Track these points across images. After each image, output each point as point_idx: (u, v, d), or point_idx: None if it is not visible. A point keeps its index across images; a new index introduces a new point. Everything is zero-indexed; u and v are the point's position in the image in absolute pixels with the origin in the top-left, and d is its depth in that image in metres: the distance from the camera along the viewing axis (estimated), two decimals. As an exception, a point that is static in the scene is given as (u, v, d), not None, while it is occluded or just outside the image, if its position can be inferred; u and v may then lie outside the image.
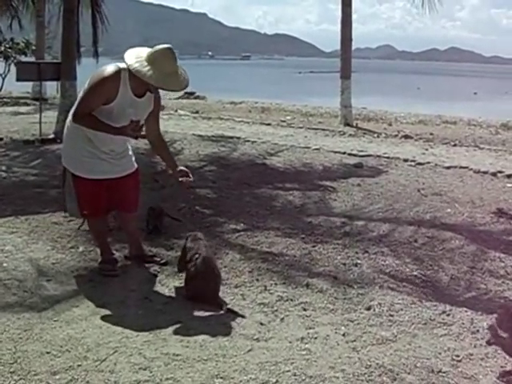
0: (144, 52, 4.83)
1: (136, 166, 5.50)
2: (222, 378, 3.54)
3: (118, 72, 4.80)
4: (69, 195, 5.25)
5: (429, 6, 17.77)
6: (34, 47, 26.16)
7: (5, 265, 5.41)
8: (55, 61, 16.57)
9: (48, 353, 3.84)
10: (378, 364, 3.71)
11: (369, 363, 3.72)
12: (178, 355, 3.81)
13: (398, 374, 3.60)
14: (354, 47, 17.61)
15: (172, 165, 5.37)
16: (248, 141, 12.47)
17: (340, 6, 16.88)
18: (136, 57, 4.77)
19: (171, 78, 4.82)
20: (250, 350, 3.88)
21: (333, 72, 17.00)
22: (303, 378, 3.55)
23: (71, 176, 5.10)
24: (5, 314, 4.41)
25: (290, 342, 4.01)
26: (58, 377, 3.56)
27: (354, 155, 10.98)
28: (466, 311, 4.63)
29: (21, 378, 3.54)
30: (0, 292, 4.85)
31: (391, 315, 4.49)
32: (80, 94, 5.04)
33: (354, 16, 17.28)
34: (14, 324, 4.26)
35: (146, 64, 4.69)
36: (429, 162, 10.46)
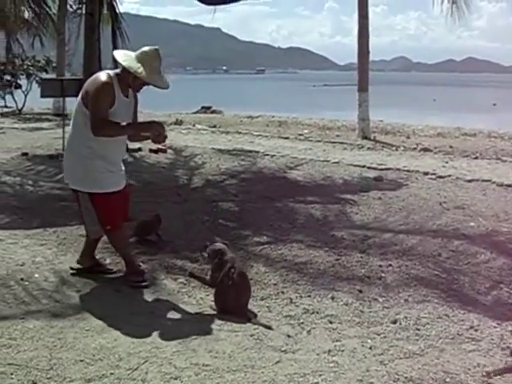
0: (131, 53, 5.20)
1: None
2: (252, 389, 3.60)
3: (110, 77, 5.07)
4: (87, 217, 5.34)
5: (458, 14, 17.08)
6: (54, 64, 26.48)
7: (36, 276, 5.54)
8: (77, 77, 16.75)
9: (82, 361, 3.94)
10: (406, 378, 3.73)
11: (397, 377, 3.75)
12: (207, 365, 3.87)
13: (427, 389, 3.62)
14: (371, 59, 17.53)
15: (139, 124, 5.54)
16: (267, 154, 12.53)
17: (356, 18, 16.80)
18: (125, 56, 5.15)
19: (159, 76, 5.18)
20: (278, 362, 3.94)
21: (347, 85, 16.94)
22: (332, 390, 3.59)
23: (88, 196, 5.17)
24: (39, 323, 4.53)
25: (318, 355, 4.05)
26: (92, 384, 3.64)
27: (374, 168, 10.99)
28: (494, 327, 4.62)
29: (58, 384, 3.62)
30: (33, 302, 4.98)
31: (418, 329, 4.51)
32: (76, 108, 5.19)
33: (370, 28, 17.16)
34: (48, 332, 4.37)
35: (136, 61, 5.04)
36: (450, 175, 10.38)
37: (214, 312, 4.79)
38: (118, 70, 5.21)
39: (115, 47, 19.21)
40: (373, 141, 15.44)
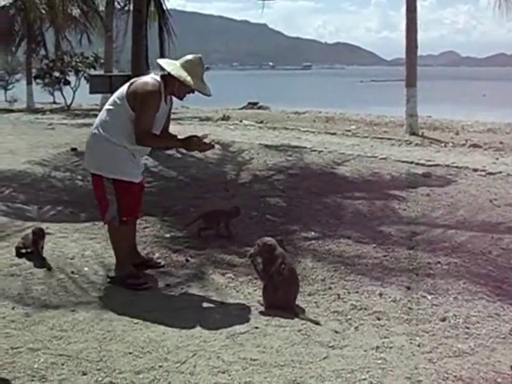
0: (175, 61, 5.26)
1: None
2: (298, 383, 3.61)
3: (159, 84, 5.12)
4: (111, 205, 5.28)
5: (506, 6, 16.55)
6: (102, 61, 26.86)
7: (85, 269, 5.65)
8: (125, 73, 16.96)
9: (131, 353, 4.00)
10: (455, 377, 3.69)
11: (446, 375, 3.71)
12: (255, 360, 3.89)
13: (477, 388, 3.57)
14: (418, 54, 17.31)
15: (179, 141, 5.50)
16: (314, 150, 12.50)
17: (404, 13, 16.66)
18: (171, 64, 5.20)
19: (204, 84, 5.29)
20: (325, 357, 3.94)
21: (394, 80, 16.78)
22: (380, 386, 3.58)
23: (117, 185, 5.16)
24: (88, 315, 4.63)
25: (365, 351, 4.04)
26: (141, 376, 3.70)
27: (422, 165, 10.86)
28: (548, 327, 4.52)
29: (107, 376, 3.70)
30: (82, 294, 5.09)
31: (467, 327, 4.44)
32: (118, 101, 5.18)
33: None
34: (98, 325, 4.46)
35: (183, 70, 5.10)
36: (500, 172, 10.18)
37: (262, 307, 4.79)
38: (159, 75, 5.24)
39: (162, 43, 19.44)
40: (421, 137, 15.30)
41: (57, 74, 28.54)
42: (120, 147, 5.11)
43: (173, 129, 11.56)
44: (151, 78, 5.18)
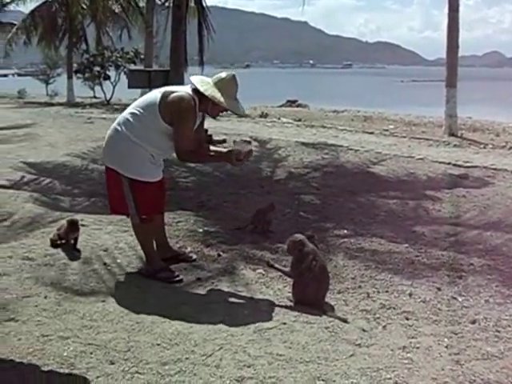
0: (208, 79, 5.24)
1: None
2: (323, 380, 3.61)
3: (194, 100, 5.10)
4: (129, 201, 5.28)
5: None
6: (142, 56, 27.08)
7: (118, 261, 5.73)
8: (164, 68, 17.07)
9: (158, 345, 4.04)
10: (482, 380, 3.65)
11: (473, 378, 3.67)
12: (281, 355, 3.90)
13: (504, 392, 3.54)
14: (458, 55, 17.11)
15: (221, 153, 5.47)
16: (351, 149, 12.49)
17: (446, 12, 16.47)
18: (204, 83, 5.16)
19: (237, 103, 5.29)
20: (351, 355, 3.93)
21: (436, 81, 16.58)
22: (405, 386, 3.56)
23: (133, 184, 5.16)
24: (118, 307, 4.68)
25: (392, 350, 4.02)
26: (167, 367, 3.73)
27: (459, 166, 10.77)
28: None
29: (134, 366, 3.74)
30: (114, 286, 5.16)
31: (498, 331, 4.38)
32: (149, 107, 5.15)
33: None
34: (127, 316, 4.50)
35: (216, 90, 5.10)
36: (540, 175, 9.97)
37: (291, 303, 4.80)
38: (190, 89, 5.19)
39: (201, 39, 19.55)
40: (460, 138, 15.15)
41: (97, 68, 28.84)
42: (140, 147, 5.11)
43: (210, 125, 11.70)
44: (186, 94, 5.12)
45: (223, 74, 5.23)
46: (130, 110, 5.32)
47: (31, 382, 3.58)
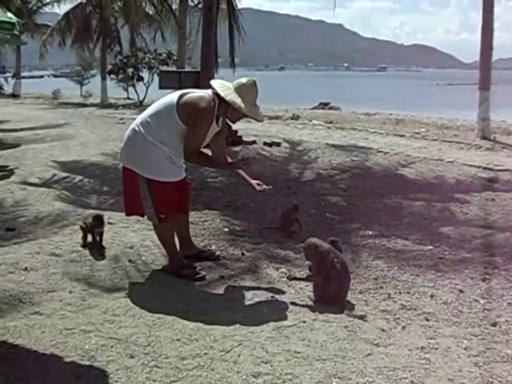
0: (229, 84, 5.25)
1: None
2: (339, 378, 3.63)
3: (214, 103, 5.13)
4: (146, 200, 5.32)
5: None
6: (175, 58, 27.25)
7: (143, 258, 5.82)
8: (194, 69, 17.20)
9: (178, 340, 4.11)
10: (500, 382, 3.63)
11: (491, 380, 3.65)
12: (298, 353, 3.93)
13: (522, 396, 3.51)
14: (496, 57, 16.79)
15: (245, 180, 5.61)
16: (381, 151, 12.47)
17: (481, 13, 16.19)
18: (224, 87, 5.18)
19: (257, 109, 5.33)
20: (369, 354, 3.94)
21: (472, 84, 16.36)
22: (420, 386, 3.56)
23: (151, 183, 5.20)
24: (141, 302, 4.75)
25: (410, 350, 4.02)
26: (185, 362, 3.80)
27: (490, 169, 10.65)
28: None
29: (153, 360, 3.81)
30: (137, 282, 5.25)
31: (519, 334, 4.35)
32: (168, 107, 5.22)
33: (496, 24, 16.44)
34: (149, 311, 4.58)
35: (237, 95, 5.11)
36: None
37: (312, 302, 4.83)
38: (211, 92, 5.23)
39: (232, 40, 19.67)
40: (492, 141, 14.94)
41: (130, 69, 29.09)
42: (157, 148, 5.14)
43: (240, 127, 11.76)
44: (206, 94, 5.17)
45: (244, 80, 5.23)
46: (148, 111, 5.39)
47: (53, 373, 3.66)
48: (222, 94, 5.10)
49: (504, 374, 3.74)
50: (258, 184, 5.47)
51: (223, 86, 5.22)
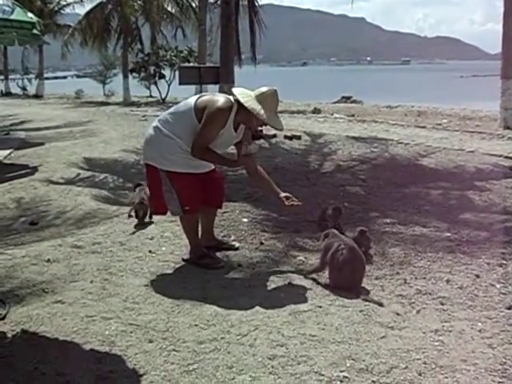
0: (250, 92, 5.29)
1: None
2: (353, 359, 3.70)
3: (232, 105, 5.20)
4: (169, 197, 5.40)
5: None
6: (196, 54, 27.38)
7: (163, 248, 5.95)
8: (214, 65, 17.30)
9: (196, 325, 4.21)
10: (513, 362, 3.67)
11: (504, 360, 3.68)
12: (314, 336, 4.01)
13: (533, 376, 3.55)
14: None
15: (274, 191, 5.54)
16: (401, 143, 12.47)
17: (503, 1, 15.93)
18: (245, 95, 5.23)
19: (277, 118, 5.34)
20: (383, 337, 4.01)
21: (497, 75, 16.18)
22: (433, 366, 3.62)
23: (171, 176, 5.29)
24: (160, 290, 4.89)
25: (424, 333, 4.07)
26: (203, 346, 3.90)
27: (511, 158, 10.60)
28: None
29: (171, 344, 3.93)
30: (157, 271, 5.36)
31: (534, 316, 4.36)
32: (186, 109, 5.32)
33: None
34: (169, 299, 4.70)
35: (257, 103, 5.15)
36: None
37: (329, 288, 4.89)
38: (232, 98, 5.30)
39: (253, 35, 19.80)
40: (515, 131, 14.85)
41: (152, 67, 29.28)
42: (175, 142, 5.22)
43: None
44: (225, 98, 5.26)
45: (264, 89, 5.27)
46: (168, 110, 5.54)
47: (73, 357, 3.78)
48: (242, 101, 5.16)
49: (517, 354, 3.77)
50: (287, 198, 5.39)
51: (244, 93, 5.29)
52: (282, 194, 5.40)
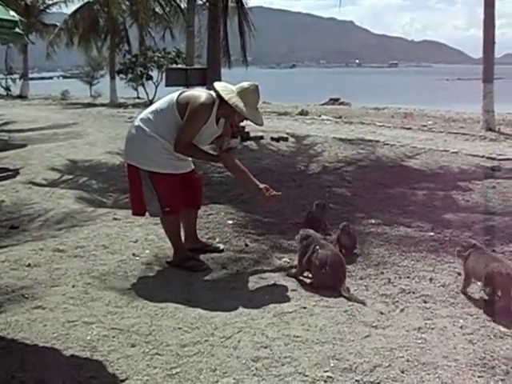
0: (231, 86, 5.33)
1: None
2: (337, 359, 3.69)
3: (214, 101, 5.21)
4: (149, 197, 5.35)
5: None
6: (184, 56, 27.31)
7: (147, 251, 5.91)
8: (201, 66, 17.27)
9: (180, 328, 4.18)
10: (492, 357, 3.70)
11: (483, 355, 3.72)
12: (298, 337, 4.00)
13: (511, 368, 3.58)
14: (504, 53, 16.90)
15: (253, 184, 5.47)
16: (387, 144, 12.53)
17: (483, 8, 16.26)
18: (228, 91, 5.25)
19: (257, 113, 5.39)
20: (367, 336, 4.01)
21: (481, 79, 16.43)
22: (415, 364, 3.63)
23: (153, 176, 5.25)
24: (144, 293, 4.84)
25: (407, 331, 4.08)
26: (186, 349, 3.86)
27: (493, 159, 10.71)
28: None
29: (154, 348, 3.88)
30: (141, 275, 5.32)
31: (513, 311, 4.39)
32: (169, 106, 5.30)
33: (503, 20, 16.58)
34: (152, 302, 4.65)
35: (239, 99, 5.18)
36: None
37: (313, 289, 4.88)
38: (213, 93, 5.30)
39: (242, 37, 19.79)
40: (497, 132, 15.06)
41: (139, 69, 29.17)
42: (157, 141, 5.20)
43: (249, 122, 11.81)
44: (207, 93, 5.27)
45: (246, 84, 5.30)
46: (149, 108, 5.50)
47: (52, 364, 3.72)
48: (226, 98, 5.18)
49: (496, 349, 3.82)
50: (267, 189, 5.37)
51: (226, 88, 5.30)
52: (262, 186, 5.38)
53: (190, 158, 5.60)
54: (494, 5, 16.02)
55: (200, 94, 5.26)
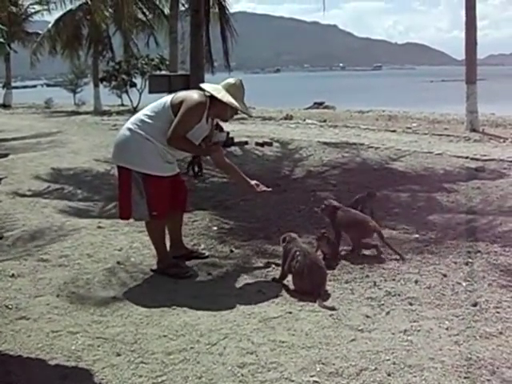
0: (217, 86, 5.44)
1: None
2: (323, 363, 3.68)
3: (206, 102, 5.28)
4: (136, 201, 5.32)
5: None
6: (167, 62, 27.29)
7: (132, 259, 5.88)
8: (184, 73, 17.27)
9: (165, 336, 4.16)
10: (478, 357, 3.70)
11: (469, 356, 3.72)
12: (284, 342, 3.99)
13: (497, 368, 3.58)
14: (487, 54, 17.09)
15: (244, 179, 5.61)
16: (372, 147, 12.57)
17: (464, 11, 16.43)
18: (218, 90, 5.36)
19: (245, 105, 5.54)
20: (353, 340, 4.00)
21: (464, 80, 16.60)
22: (402, 366, 3.62)
23: (146, 178, 5.23)
24: (129, 302, 4.82)
25: (393, 334, 4.08)
26: (172, 357, 3.85)
27: (477, 159, 10.77)
28: None
29: (139, 356, 3.86)
30: (125, 283, 5.29)
31: (498, 312, 4.41)
32: (161, 108, 5.32)
33: (485, 22, 16.80)
34: (137, 311, 4.64)
35: (230, 95, 5.31)
36: (556, 167, 9.89)
37: (298, 294, 4.87)
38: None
39: (225, 43, 19.80)
40: (481, 133, 15.13)
41: (123, 76, 29.10)
42: (150, 143, 5.21)
43: (234, 128, 11.86)
44: (201, 94, 5.33)
45: (232, 80, 5.45)
46: (142, 111, 5.50)
47: (37, 375, 3.69)
48: (219, 96, 5.27)
49: (481, 349, 3.82)
50: (257, 185, 5.52)
51: (216, 88, 5.39)
52: (253, 182, 5.52)
53: (176, 162, 5.60)
54: (475, 7, 16.20)
55: (194, 94, 5.31)
